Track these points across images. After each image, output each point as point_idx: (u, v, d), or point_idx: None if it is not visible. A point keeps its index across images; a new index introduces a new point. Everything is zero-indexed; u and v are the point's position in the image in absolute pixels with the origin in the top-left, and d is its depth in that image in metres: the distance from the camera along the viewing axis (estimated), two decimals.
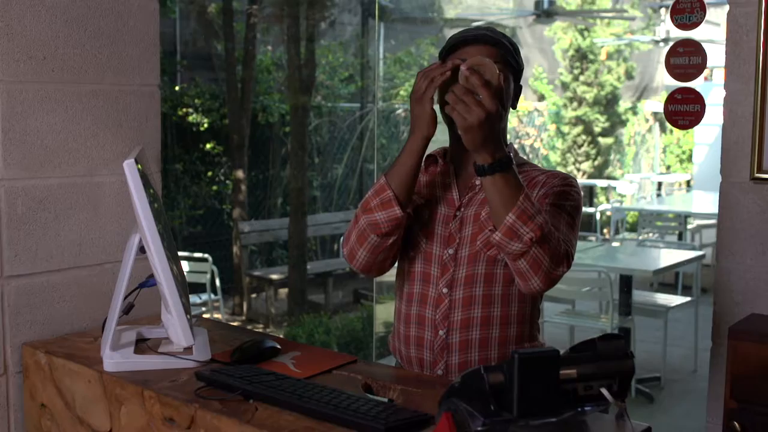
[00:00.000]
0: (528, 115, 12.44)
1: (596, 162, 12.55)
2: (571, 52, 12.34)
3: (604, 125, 12.50)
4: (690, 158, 13.37)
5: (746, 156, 2.07)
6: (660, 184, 12.84)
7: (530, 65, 12.67)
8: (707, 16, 2.13)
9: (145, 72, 2.18)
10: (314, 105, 8.70)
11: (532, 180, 1.78)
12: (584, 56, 12.30)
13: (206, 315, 5.94)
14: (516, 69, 1.79)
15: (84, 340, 1.95)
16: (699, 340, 5.46)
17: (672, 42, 2.23)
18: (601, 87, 12.37)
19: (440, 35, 10.13)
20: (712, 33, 6.50)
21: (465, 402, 1.17)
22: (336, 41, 9.61)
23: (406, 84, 9.36)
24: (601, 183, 11.91)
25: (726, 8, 2.09)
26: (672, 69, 2.18)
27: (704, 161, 11.13)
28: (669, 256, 5.71)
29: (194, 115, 8.19)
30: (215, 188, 8.47)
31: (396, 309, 1.88)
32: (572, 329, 5.34)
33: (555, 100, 12.84)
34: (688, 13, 2.13)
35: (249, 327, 6.54)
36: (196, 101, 8.24)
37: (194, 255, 6.12)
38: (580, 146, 12.54)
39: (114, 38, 2.10)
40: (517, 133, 12.17)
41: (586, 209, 10.54)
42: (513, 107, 1.82)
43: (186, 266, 5.81)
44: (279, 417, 1.43)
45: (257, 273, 7.72)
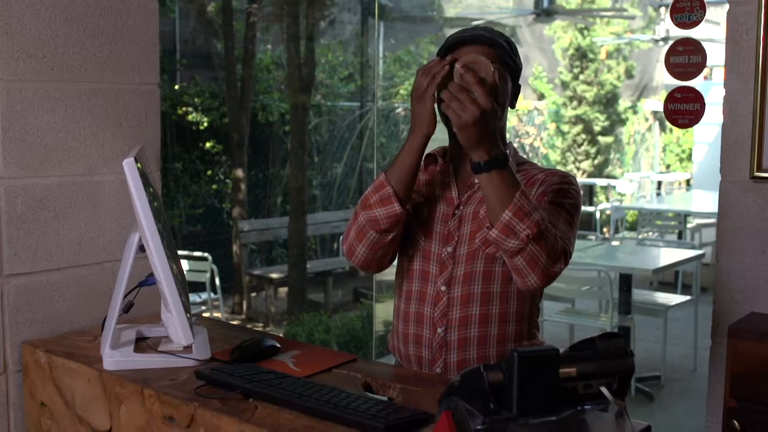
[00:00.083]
0: (528, 114, 12.44)
1: (596, 161, 12.55)
2: (571, 51, 12.34)
3: (604, 124, 12.50)
4: (690, 157, 13.36)
5: (746, 155, 2.07)
6: (660, 183, 12.84)
7: (530, 64, 12.67)
8: (707, 15, 2.13)
9: (145, 71, 2.18)
10: (314, 104, 8.70)
11: (531, 178, 1.78)
12: (584, 55, 12.30)
13: (206, 314, 5.93)
14: (514, 69, 1.78)
15: (84, 339, 1.95)
16: (699, 339, 5.46)
17: (672, 41, 2.23)
18: (601, 86, 12.37)
19: (440, 34, 10.13)
20: (712, 32, 6.49)
21: (465, 400, 1.17)
22: (336, 40, 9.61)
23: (406, 83, 9.36)
24: (601, 182, 11.91)
25: (726, 7, 2.09)
26: (672, 68, 2.18)
27: (704, 160, 11.12)
28: (669, 255, 5.72)
29: (194, 114, 8.19)
30: (215, 187, 8.47)
31: (395, 307, 1.88)
32: (572, 328, 5.34)
33: (555, 99, 12.84)
34: (688, 12, 2.13)
35: (249, 326, 6.53)
36: (196, 100, 8.24)
37: (194, 254, 6.13)
38: (580, 145, 12.54)
39: (113, 37, 2.10)
40: (517, 132, 12.17)
41: (586, 208, 10.54)
42: (512, 106, 1.82)
43: (186, 265, 5.80)
44: (279, 415, 1.43)
45: (257, 272, 7.73)
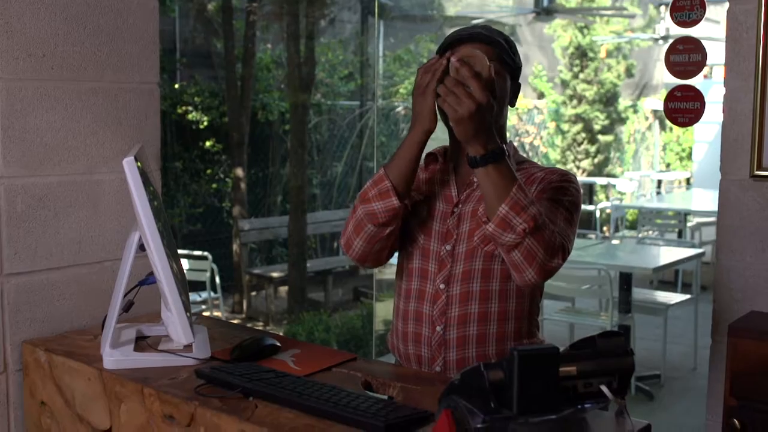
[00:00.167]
0: (528, 113, 12.44)
1: (596, 160, 12.55)
2: (571, 50, 12.34)
3: (604, 123, 12.50)
4: (690, 156, 13.36)
5: (746, 153, 2.07)
6: (660, 182, 12.84)
7: (530, 63, 12.67)
8: (707, 14, 2.13)
9: (145, 70, 2.18)
10: (314, 103, 8.69)
11: (531, 177, 1.78)
12: (584, 54, 12.30)
13: (206, 313, 5.94)
14: (513, 67, 1.78)
15: (84, 338, 1.96)
16: (699, 338, 5.46)
17: (672, 39, 2.22)
18: (601, 85, 12.37)
19: (440, 33, 10.12)
20: (712, 30, 6.48)
21: (465, 399, 1.17)
22: (336, 39, 9.61)
23: (406, 82, 9.36)
24: (601, 181, 11.92)
25: (726, 6, 2.09)
26: (672, 66, 2.18)
27: (704, 159, 11.11)
28: (669, 254, 5.72)
29: (194, 113, 8.19)
30: (215, 186, 8.47)
31: (394, 306, 1.88)
32: (572, 327, 5.34)
33: (555, 98, 12.84)
34: (688, 11, 2.13)
35: (249, 325, 6.53)
36: (196, 99, 8.24)
37: (194, 253, 6.13)
38: (580, 144, 12.54)
39: (113, 36, 2.09)
40: (517, 131, 12.17)
41: (586, 207, 10.54)
42: (512, 105, 1.82)
43: (186, 264, 5.81)
44: (279, 414, 1.43)
45: (257, 271, 7.73)
